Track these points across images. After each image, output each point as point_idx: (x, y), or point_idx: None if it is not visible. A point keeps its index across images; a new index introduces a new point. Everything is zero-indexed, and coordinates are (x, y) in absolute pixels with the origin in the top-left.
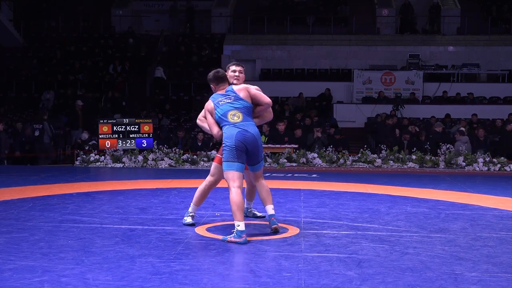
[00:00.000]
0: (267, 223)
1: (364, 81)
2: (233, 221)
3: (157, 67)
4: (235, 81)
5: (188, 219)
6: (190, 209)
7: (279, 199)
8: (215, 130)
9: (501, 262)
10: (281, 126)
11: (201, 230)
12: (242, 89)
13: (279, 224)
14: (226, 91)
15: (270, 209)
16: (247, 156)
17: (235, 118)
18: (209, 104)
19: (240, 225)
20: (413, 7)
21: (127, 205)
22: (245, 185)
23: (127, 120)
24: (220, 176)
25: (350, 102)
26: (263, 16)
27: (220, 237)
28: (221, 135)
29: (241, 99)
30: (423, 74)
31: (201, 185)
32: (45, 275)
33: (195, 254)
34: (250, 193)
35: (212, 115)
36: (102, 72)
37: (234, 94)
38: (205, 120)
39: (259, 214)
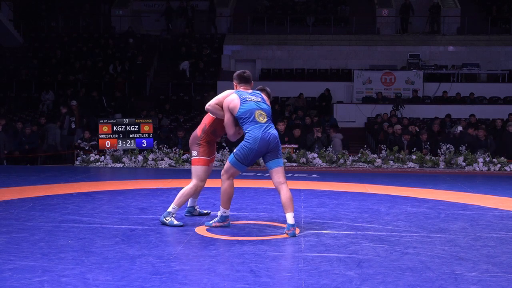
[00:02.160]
0: (268, 223)
1: (364, 81)
2: (234, 221)
3: (184, 62)
4: None
5: (176, 221)
6: (172, 210)
7: (279, 199)
8: (231, 130)
9: (501, 262)
10: (281, 126)
11: (201, 230)
12: (267, 99)
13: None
14: (255, 92)
15: (290, 218)
16: (268, 154)
17: (261, 118)
18: (233, 99)
19: (226, 212)
20: (413, 7)
21: (127, 205)
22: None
23: (127, 120)
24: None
25: (350, 102)
26: (263, 16)
27: (221, 237)
28: (236, 135)
29: (266, 102)
30: (423, 74)
31: (187, 189)
32: (45, 275)
33: (195, 254)
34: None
35: (233, 111)
36: (102, 72)
37: (261, 96)
38: (219, 108)
39: (204, 211)
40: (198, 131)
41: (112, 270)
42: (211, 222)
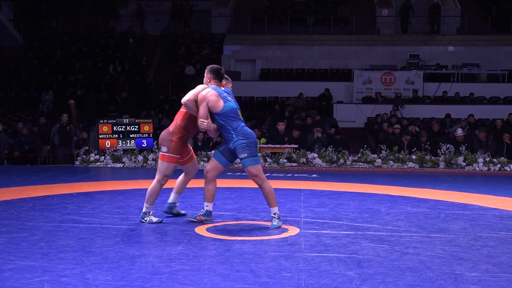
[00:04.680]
0: (268, 223)
1: (364, 81)
2: (234, 221)
3: (188, 67)
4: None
5: (155, 219)
6: (146, 210)
7: (279, 199)
8: (212, 125)
9: (501, 262)
10: (281, 126)
11: (201, 230)
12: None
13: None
14: (227, 90)
15: (211, 206)
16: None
17: (241, 117)
18: (213, 95)
19: (277, 210)
20: (413, 7)
21: (127, 205)
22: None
23: (127, 120)
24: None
25: (350, 102)
26: (263, 16)
27: (221, 237)
28: (215, 128)
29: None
30: (423, 74)
31: (153, 186)
32: (45, 275)
33: (195, 254)
34: (182, 185)
35: (215, 108)
36: (102, 72)
37: (232, 93)
38: (195, 104)
39: (182, 212)
40: (171, 126)
41: (112, 270)
42: (274, 223)
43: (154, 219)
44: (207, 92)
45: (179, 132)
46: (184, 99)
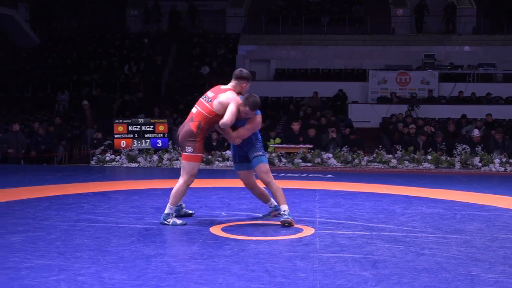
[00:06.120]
0: (280, 223)
1: (379, 81)
2: (249, 221)
3: (204, 66)
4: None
5: (179, 221)
6: (169, 211)
7: (294, 199)
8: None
9: None
10: (295, 126)
11: (216, 230)
12: None
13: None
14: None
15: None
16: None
17: None
18: (261, 120)
19: (287, 208)
20: (428, 7)
21: (142, 205)
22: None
23: (142, 120)
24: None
25: (365, 102)
26: (277, 16)
27: (236, 237)
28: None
29: None
30: (438, 74)
31: (179, 186)
32: (61, 274)
33: (210, 254)
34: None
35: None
36: (117, 72)
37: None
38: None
39: (190, 211)
40: (193, 127)
41: (127, 269)
42: (285, 218)
43: (178, 221)
44: (259, 120)
45: (203, 133)
46: (227, 122)
